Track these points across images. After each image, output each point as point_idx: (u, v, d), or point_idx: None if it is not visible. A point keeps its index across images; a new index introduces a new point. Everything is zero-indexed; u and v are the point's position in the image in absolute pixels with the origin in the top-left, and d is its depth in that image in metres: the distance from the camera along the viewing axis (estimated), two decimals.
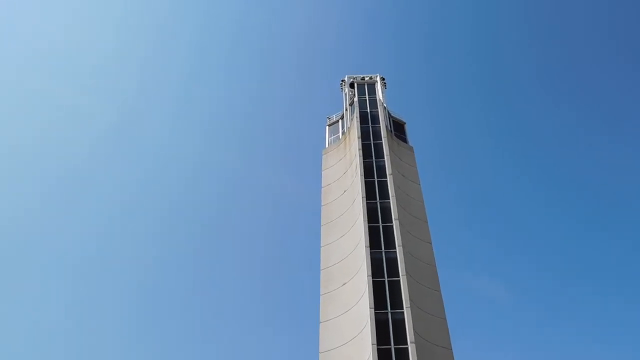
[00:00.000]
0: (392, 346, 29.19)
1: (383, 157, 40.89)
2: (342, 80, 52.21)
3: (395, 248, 34.05)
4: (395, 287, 32.13)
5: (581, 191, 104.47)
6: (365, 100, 48.26)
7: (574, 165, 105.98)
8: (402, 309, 30.58)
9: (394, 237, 34.73)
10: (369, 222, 35.69)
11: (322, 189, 42.35)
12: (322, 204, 40.95)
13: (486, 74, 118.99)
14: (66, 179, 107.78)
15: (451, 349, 30.88)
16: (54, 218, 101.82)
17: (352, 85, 50.72)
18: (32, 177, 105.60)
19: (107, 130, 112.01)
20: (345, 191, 40.57)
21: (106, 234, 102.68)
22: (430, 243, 37.16)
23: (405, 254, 33.67)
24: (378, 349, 28.73)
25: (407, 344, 28.79)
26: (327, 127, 49.37)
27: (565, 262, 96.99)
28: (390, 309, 30.94)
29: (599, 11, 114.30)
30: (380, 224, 36.05)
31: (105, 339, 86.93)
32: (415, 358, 28.03)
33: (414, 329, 29.40)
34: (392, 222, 35.71)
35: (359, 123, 44.47)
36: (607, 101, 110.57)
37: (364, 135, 43.30)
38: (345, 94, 50.64)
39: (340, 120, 48.90)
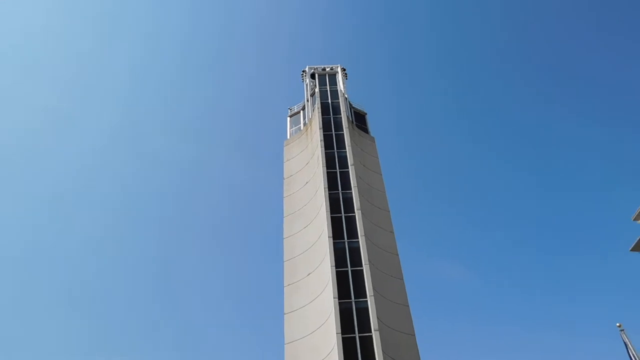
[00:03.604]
0: (357, 334, 29.45)
1: (345, 148, 40.98)
2: (303, 71, 52.00)
3: (358, 238, 34.26)
4: (358, 276, 32.36)
5: (541, 176, 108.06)
6: (327, 91, 48.21)
7: (537, 152, 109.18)
8: (366, 297, 30.85)
9: (356, 227, 34.93)
10: (331, 213, 35.80)
11: (284, 180, 42.15)
12: (284, 195, 40.77)
13: (448, 62, 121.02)
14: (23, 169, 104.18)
15: (414, 335, 31.40)
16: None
17: (313, 76, 50.58)
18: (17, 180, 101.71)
19: (65, 119, 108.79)
20: (307, 182, 40.49)
21: (53, 226, 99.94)
22: (393, 232, 37.58)
23: (367, 243, 33.94)
24: (343, 338, 28.95)
25: (371, 332, 29.09)
26: (288, 118, 49.09)
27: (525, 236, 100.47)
28: (354, 298, 31.17)
29: None
30: (343, 214, 36.18)
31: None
32: (380, 345, 28.37)
33: (377, 317, 29.72)
34: (354, 212, 35.89)
35: (320, 114, 44.40)
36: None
37: (326, 126, 43.27)
38: (307, 85, 50.45)
39: (301, 111, 48.71)
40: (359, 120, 47.18)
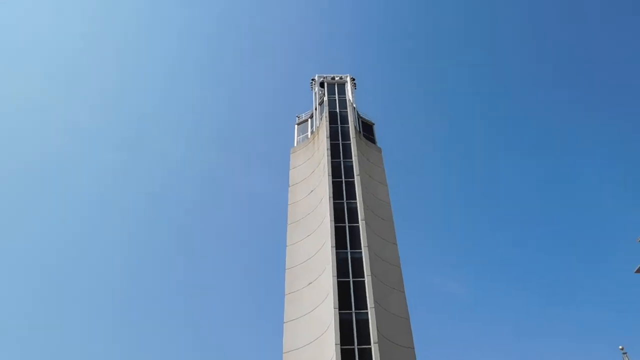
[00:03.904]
0: (356, 346, 29.26)
1: (351, 158, 40.92)
2: (313, 79, 52.08)
3: (361, 249, 34.13)
4: (360, 287, 32.20)
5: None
6: (335, 100, 48.24)
7: (552, 162, 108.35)
8: (367, 309, 30.67)
9: (359, 238, 34.79)
10: (335, 222, 35.67)
11: (289, 187, 42.14)
12: (289, 203, 40.73)
13: (455, 74, 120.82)
14: (38, 173, 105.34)
15: (414, 349, 31.15)
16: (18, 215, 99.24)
17: (322, 85, 50.63)
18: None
19: (77, 125, 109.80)
20: (312, 191, 40.46)
21: (80, 233, 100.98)
22: (396, 244, 37.40)
23: (370, 254, 33.80)
24: (341, 349, 28.73)
25: (370, 344, 28.89)
26: (296, 126, 49.15)
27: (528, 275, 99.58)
28: (355, 309, 31.00)
29: None
30: (347, 224, 36.07)
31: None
32: (379, 358, 28.17)
33: (377, 329, 29.53)
34: (358, 223, 35.76)
35: (328, 123, 44.42)
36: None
37: (333, 135, 43.27)
38: (315, 93, 50.53)
39: (309, 119, 48.75)
40: (367, 130, 47.14)
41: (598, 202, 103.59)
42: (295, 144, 46.98)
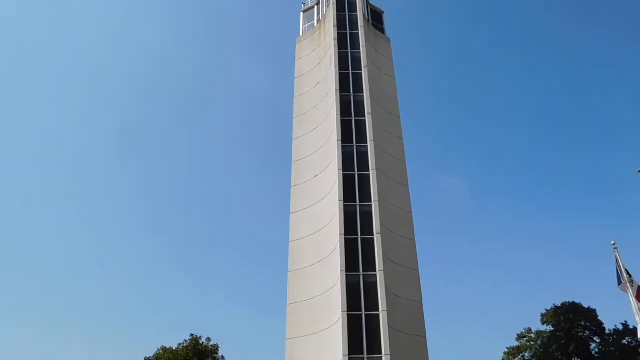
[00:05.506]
0: (359, 236, 30.49)
1: (359, 49, 39.56)
2: None
3: (366, 142, 34.20)
4: (364, 180, 32.78)
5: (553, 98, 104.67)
6: None
7: (562, 64, 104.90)
8: (370, 201, 31.50)
9: (366, 132, 34.71)
10: (341, 116, 35.43)
11: (295, 79, 41.37)
12: (295, 95, 40.26)
13: None
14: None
15: (414, 240, 32.51)
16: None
17: None
18: None
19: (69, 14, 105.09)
20: (318, 83, 39.74)
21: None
22: (402, 138, 37.48)
23: (376, 148, 33.97)
24: (345, 239, 30.03)
25: (373, 235, 30.09)
26: (301, 14, 47.00)
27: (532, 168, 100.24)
28: (359, 202, 31.85)
29: None
30: (353, 118, 35.82)
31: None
32: (380, 247, 29.50)
33: (380, 221, 30.58)
34: (364, 117, 35.47)
35: (335, 10, 42.36)
36: None
37: (340, 24, 41.47)
38: None
39: (316, 7, 46.44)
40: (375, 18, 45.07)
41: (604, 102, 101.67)
42: (301, 33, 45.28)
